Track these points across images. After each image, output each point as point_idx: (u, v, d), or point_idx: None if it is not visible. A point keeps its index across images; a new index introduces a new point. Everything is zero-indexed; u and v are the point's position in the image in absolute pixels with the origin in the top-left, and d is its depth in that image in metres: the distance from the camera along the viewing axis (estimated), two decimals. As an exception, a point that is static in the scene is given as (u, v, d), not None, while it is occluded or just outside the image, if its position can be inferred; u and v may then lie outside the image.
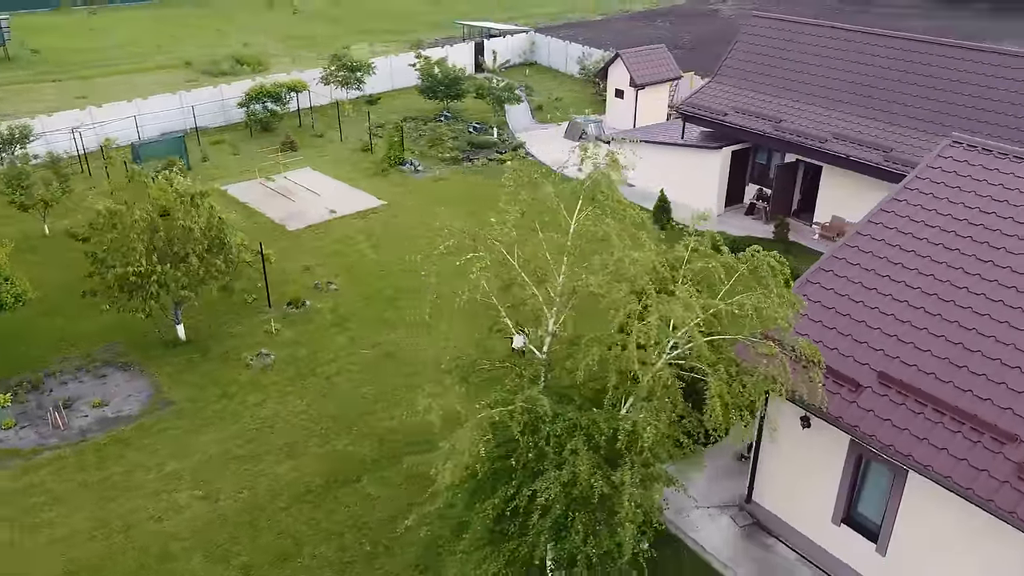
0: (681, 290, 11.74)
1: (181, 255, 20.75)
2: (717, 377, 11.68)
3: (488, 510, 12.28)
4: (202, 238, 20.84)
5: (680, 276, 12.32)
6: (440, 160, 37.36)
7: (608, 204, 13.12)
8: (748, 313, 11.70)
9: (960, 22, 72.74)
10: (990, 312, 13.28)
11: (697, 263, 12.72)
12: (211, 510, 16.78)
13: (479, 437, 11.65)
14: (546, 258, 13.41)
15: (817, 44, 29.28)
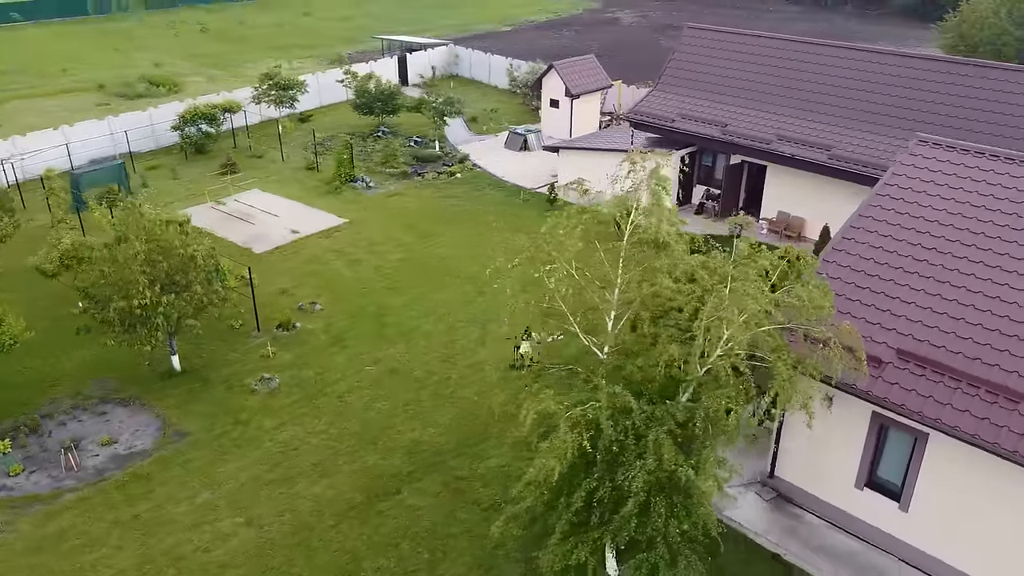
0: (749, 284, 12.92)
1: (183, 284, 20.52)
2: (783, 362, 12.96)
3: (576, 502, 13.12)
4: (204, 265, 20.68)
5: (744, 272, 13.46)
6: (390, 176, 37.69)
7: (660, 209, 14.11)
8: (804, 303, 13.06)
9: (835, 25, 78.32)
10: (983, 289, 15.19)
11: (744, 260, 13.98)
12: (258, 535, 16.84)
13: (580, 435, 12.45)
14: (607, 265, 14.31)
15: (753, 52, 31.52)
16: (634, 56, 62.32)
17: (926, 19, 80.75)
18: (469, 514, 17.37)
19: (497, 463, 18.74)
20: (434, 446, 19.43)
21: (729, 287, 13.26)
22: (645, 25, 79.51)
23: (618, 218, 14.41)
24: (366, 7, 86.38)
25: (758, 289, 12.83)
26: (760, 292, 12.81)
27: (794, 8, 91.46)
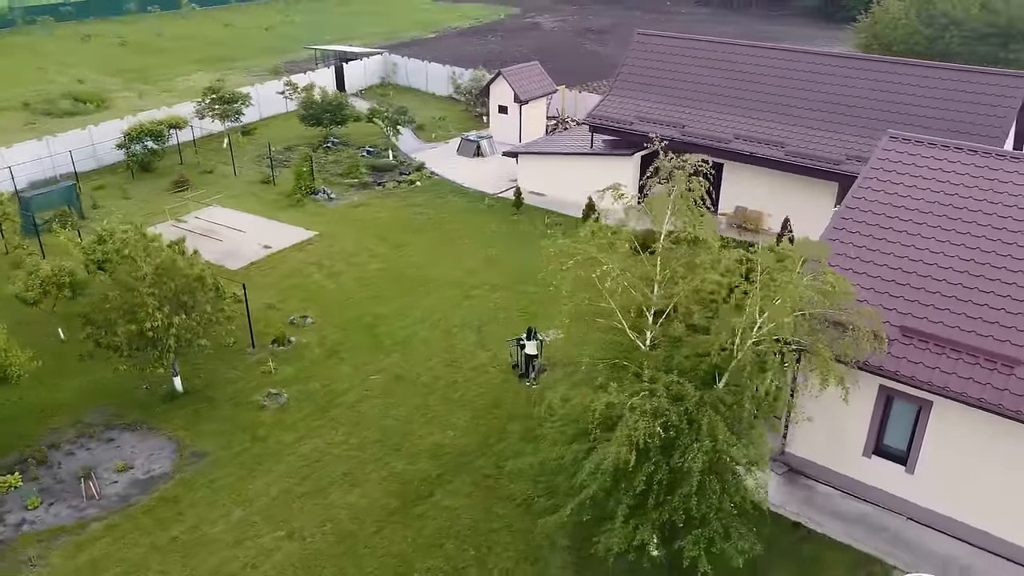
0: (792, 275, 14.08)
1: (190, 304, 20.38)
2: (823, 344, 14.18)
3: (639, 486, 13.99)
4: (212, 284, 20.61)
5: (785, 266, 14.59)
6: (349, 186, 37.75)
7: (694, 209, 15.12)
8: (833, 289, 14.31)
9: (744, 26, 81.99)
10: (968, 269, 16.88)
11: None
12: (302, 548, 17.03)
13: (650, 422, 13.32)
14: (647, 264, 15.23)
15: (704, 56, 33.22)
16: (562, 61, 63.66)
17: (828, 19, 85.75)
18: (505, 510, 18.03)
19: (522, 461, 19.39)
20: (456, 448, 19.97)
21: (768, 278, 14.37)
22: (567, 30, 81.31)
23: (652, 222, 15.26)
24: (286, 17, 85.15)
25: (798, 278, 14.01)
26: (800, 281, 13.99)
27: (703, 10, 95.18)
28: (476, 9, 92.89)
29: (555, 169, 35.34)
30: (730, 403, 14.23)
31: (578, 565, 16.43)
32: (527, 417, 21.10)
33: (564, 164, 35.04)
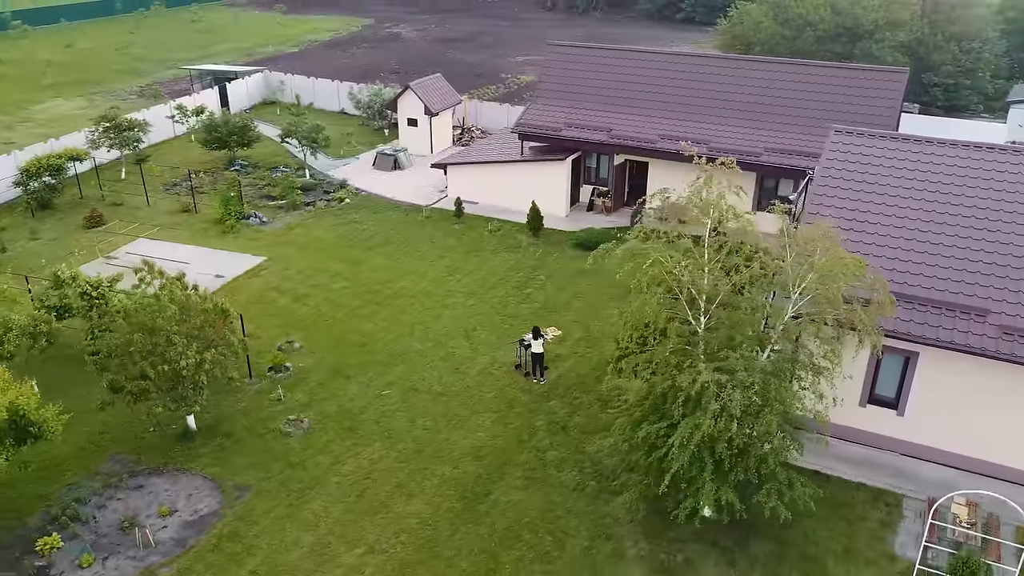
0: (833, 254, 16.38)
1: (210, 337, 20.14)
2: (866, 312, 16.56)
3: (722, 452, 15.83)
4: (232, 316, 20.45)
5: (821, 247, 16.84)
6: (277, 208, 37.27)
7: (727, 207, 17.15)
8: (854, 266, 16.79)
9: (593, 30, 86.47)
10: (928, 239, 20.08)
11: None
12: (388, 560, 17.58)
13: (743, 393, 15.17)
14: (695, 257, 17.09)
15: (618, 64, 35.80)
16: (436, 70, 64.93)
17: (667, 21, 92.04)
18: (561, 497, 19.38)
19: (558, 453, 20.87)
20: (494, 448, 21.05)
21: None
22: (429, 39, 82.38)
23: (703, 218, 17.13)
24: (128, 37, 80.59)
25: (836, 256, 16.37)
26: (842, 258, 16.34)
27: (551, 16, 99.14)
28: (328, 22, 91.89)
29: (487, 177, 36.70)
30: (786, 370, 16.44)
31: (646, 535, 18.07)
32: (548, 412, 22.54)
33: (496, 172, 36.47)
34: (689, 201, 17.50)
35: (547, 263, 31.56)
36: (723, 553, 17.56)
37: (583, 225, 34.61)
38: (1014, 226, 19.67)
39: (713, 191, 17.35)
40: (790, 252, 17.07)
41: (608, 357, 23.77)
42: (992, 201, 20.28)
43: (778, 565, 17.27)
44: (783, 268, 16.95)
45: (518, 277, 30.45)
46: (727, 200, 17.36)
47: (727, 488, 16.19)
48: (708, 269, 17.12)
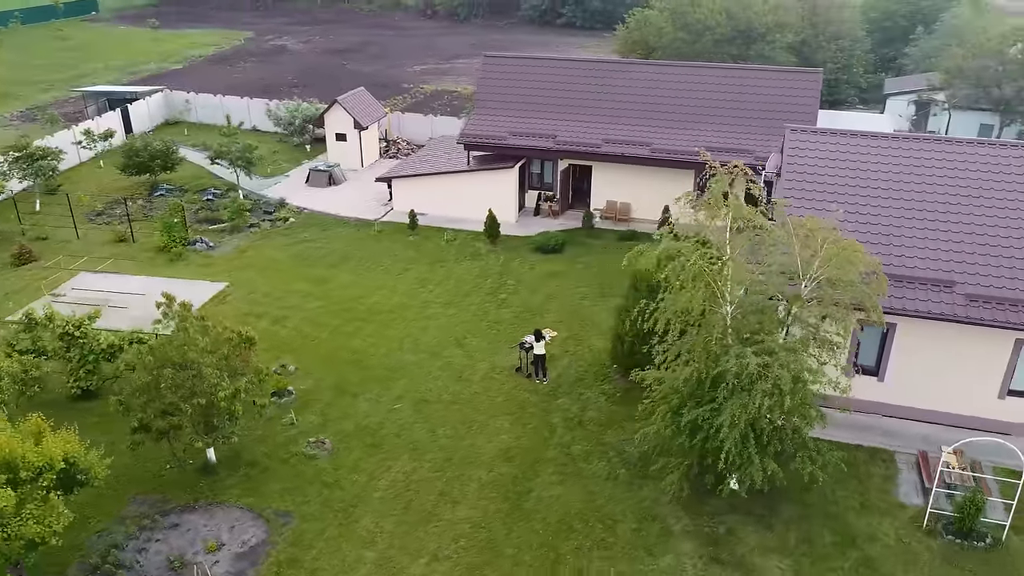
0: (847, 243, 18.29)
1: (236, 367, 19.94)
2: (873, 289, 18.55)
3: (765, 429, 17.46)
4: (256, 345, 20.29)
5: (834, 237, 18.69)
6: (220, 232, 36.34)
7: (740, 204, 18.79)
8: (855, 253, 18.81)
9: (479, 37, 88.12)
10: (891, 222, 22.61)
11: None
12: (455, 566, 18.09)
13: (790, 372, 16.80)
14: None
15: (555, 73, 37.33)
16: (333, 83, 64.48)
17: (549, 26, 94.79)
18: (599, 487, 20.52)
19: (583, 447, 22.00)
20: (522, 448, 21.91)
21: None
22: (318, 51, 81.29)
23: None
24: (-12, 56, 75.01)
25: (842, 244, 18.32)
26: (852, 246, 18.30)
27: (433, 24, 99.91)
28: (206, 36, 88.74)
29: (434, 189, 37.25)
30: (806, 348, 18.30)
31: (687, 512, 19.49)
32: (560, 410, 23.61)
33: (444, 183, 37.10)
34: (714, 203, 18.83)
35: (512, 268, 32.57)
36: (758, 520, 19.23)
37: (536, 230, 35.83)
38: (970, 207, 22.51)
39: (732, 192, 18.80)
40: (797, 242, 18.93)
41: (607, 354, 25.21)
42: (948, 186, 23.11)
43: (808, 524, 19.12)
44: (794, 257, 18.78)
45: (488, 284, 31.31)
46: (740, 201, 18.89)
47: (769, 459, 17.86)
48: (734, 262, 18.70)
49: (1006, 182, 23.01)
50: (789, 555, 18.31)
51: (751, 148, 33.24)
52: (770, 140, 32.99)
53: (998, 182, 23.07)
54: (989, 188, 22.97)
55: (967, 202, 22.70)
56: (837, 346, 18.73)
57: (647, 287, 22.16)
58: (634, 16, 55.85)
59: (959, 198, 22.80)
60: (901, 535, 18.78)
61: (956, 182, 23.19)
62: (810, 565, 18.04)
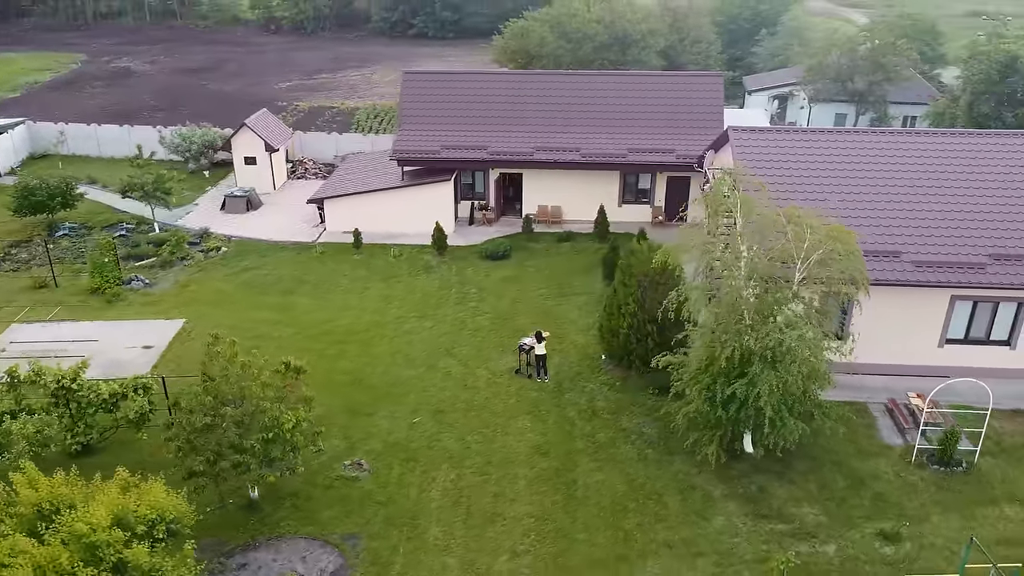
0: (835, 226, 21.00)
1: (292, 399, 19.91)
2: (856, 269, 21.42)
3: (797, 392, 19.92)
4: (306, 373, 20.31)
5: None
6: (149, 268, 34.72)
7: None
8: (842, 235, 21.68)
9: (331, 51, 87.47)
10: (841, 205, 25.97)
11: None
12: (535, 558, 19.18)
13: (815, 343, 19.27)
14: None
15: (483, 86, 38.74)
16: (201, 103, 62.39)
17: (401, 36, 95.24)
18: (634, 468, 22.25)
19: (606, 433, 23.66)
20: (552, 443, 23.22)
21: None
22: (167, 71, 77.39)
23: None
24: None
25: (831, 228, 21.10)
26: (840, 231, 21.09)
27: (281, 39, 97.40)
28: (33, 59, 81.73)
29: (369, 207, 37.44)
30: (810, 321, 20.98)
31: (719, 478, 21.65)
32: (572, 404, 25.14)
33: (379, 200, 37.41)
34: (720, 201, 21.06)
35: (469, 277, 33.61)
36: (779, 476, 21.73)
37: (476, 238, 37.01)
38: (908, 189, 26.30)
39: (740, 190, 21.14)
40: (791, 230, 21.56)
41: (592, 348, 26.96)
42: (887, 172, 26.85)
43: (821, 473, 21.84)
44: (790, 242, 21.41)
45: (453, 294, 32.21)
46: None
47: (798, 424, 20.40)
48: (747, 251, 21.03)
49: (936, 165, 27.09)
50: (816, 502, 20.93)
51: (673, 147, 36.24)
52: (689, 139, 36.14)
53: (930, 166, 27.11)
54: (923, 171, 26.96)
55: (905, 184, 26.53)
56: (830, 317, 21.55)
57: (649, 280, 24.20)
58: (511, 26, 58.01)
59: (898, 181, 26.60)
60: (897, 471, 21.94)
61: (894, 168, 27.01)
62: (836, 508, 20.74)
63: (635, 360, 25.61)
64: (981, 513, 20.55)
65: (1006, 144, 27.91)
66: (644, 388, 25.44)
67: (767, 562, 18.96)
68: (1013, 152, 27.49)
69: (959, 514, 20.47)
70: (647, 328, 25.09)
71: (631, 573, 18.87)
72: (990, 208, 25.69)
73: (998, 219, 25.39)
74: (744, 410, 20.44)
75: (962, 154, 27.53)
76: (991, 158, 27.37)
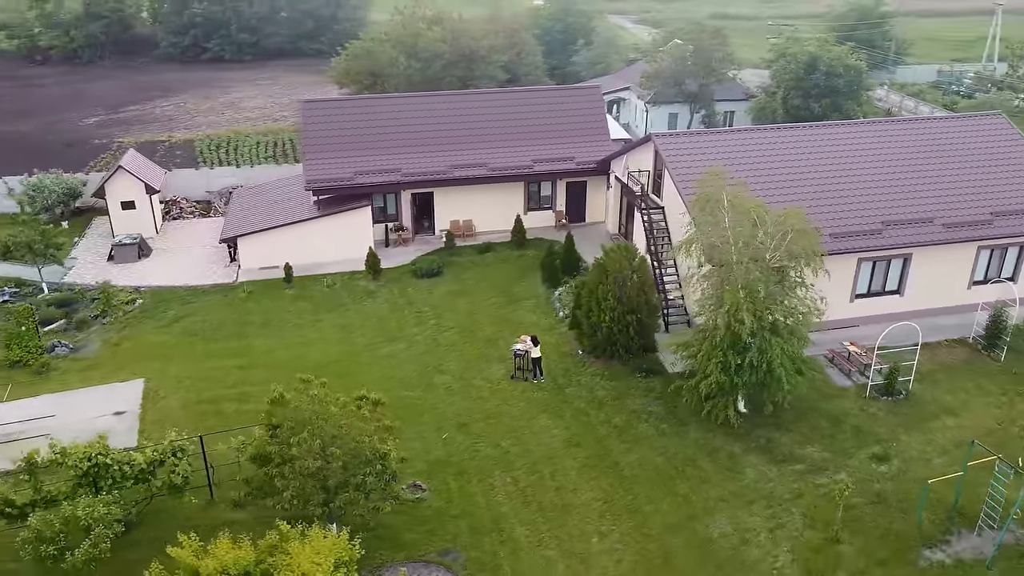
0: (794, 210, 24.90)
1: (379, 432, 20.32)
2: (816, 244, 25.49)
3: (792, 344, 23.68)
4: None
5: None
6: (63, 332, 31.86)
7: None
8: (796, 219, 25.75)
9: (124, 79, 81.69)
10: (768, 191, 30.42)
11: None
12: (622, 533, 21.28)
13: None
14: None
15: (386, 110, 39.51)
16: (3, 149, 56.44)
17: (194, 61, 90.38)
18: (659, 443, 24.91)
19: (620, 418, 26.11)
20: (579, 435, 25.22)
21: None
22: None
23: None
24: None
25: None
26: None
27: (50, 69, 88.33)
28: None
29: (285, 240, 36.82)
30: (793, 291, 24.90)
31: (732, 437, 24.89)
32: (577, 398, 27.29)
33: (295, 232, 36.92)
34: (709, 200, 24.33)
35: (414, 297, 34.45)
36: (776, 427, 25.43)
37: (400, 259, 37.68)
38: (813, 173, 31.30)
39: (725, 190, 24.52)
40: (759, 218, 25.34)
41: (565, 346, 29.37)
42: (793, 159, 31.70)
43: (806, 419, 25.72)
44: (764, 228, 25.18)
45: (408, 315, 32.97)
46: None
47: (796, 381, 24.22)
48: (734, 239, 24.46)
49: (834, 152, 32.50)
50: (814, 442, 24.88)
51: (572, 155, 39.42)
52: (582, 146, 39.55)
53: (829, 153, 32.45)
54: (823, 158, 32.19)
55: (811, 170, 31.57)
56: (803, 285, 25.64)
57: (623, 277, 27.20)
58: (352, 47, 58.29)
59: (805, 168, 31.61)
60: (860, 406, 26.54)
61: (800, 157, 32.01)
62: (830, 443, 24.81)
63: (619, 349, 28.41)
64: (930, 426, 25.62)
65: (887, 130, 34.22)
66: (631, 373, 28.22)
67: (802, 497, 22.54)
68: (894, 136, 33.72)
69: (917, 430, 25.39)
70: (627, 319, 27.99)
71: (707, 529, 21.59)
72: (880, 183, 31.44)
73: (887, 192, 31.15)
74: (756, 375, 23.90)
75: (853, 141, 33.26)
76: (877, 142, 33.29)
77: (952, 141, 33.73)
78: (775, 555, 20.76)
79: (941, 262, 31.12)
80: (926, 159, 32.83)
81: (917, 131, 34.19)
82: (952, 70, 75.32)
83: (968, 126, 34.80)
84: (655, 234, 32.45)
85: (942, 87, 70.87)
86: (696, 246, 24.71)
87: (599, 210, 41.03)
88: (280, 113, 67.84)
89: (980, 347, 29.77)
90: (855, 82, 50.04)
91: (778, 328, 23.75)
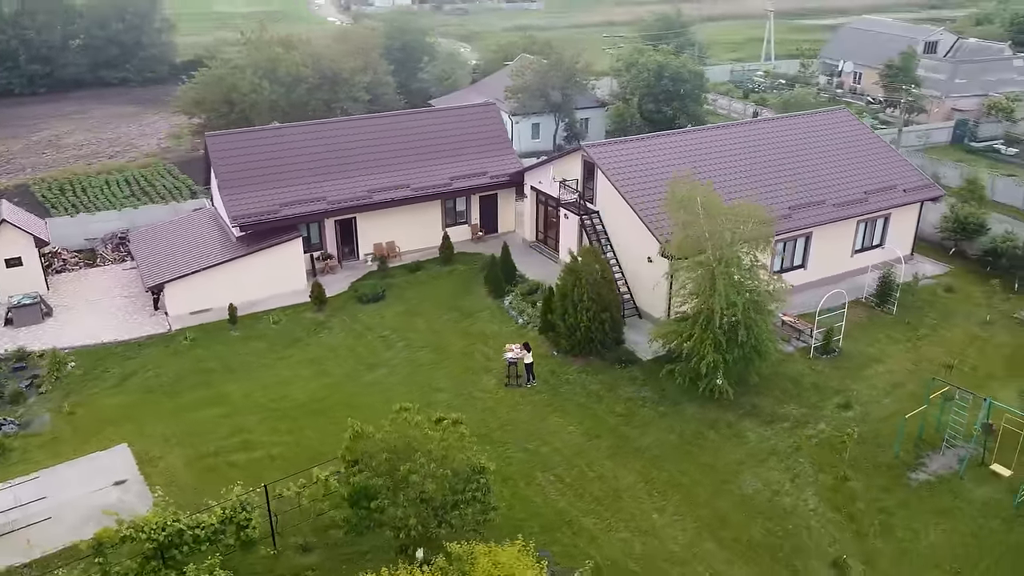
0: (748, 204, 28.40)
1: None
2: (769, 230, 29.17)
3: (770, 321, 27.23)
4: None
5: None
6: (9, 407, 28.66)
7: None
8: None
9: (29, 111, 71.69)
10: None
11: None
12: (668, 499, 23.57)
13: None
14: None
15: (298, 139, 38.76)
16: None
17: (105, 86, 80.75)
18: (664, 422, 27.51)
19: (621, 407, 28.35)
20: (592, 428, 27.17)
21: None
22: None
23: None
24: None
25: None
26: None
27: None
28: None
29: (214, 281, 35.25)
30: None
31: (725, 407, 27.97)
32: (574, 395, 29.21)
33: (225, 272, 35.42)
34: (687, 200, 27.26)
35: (368, 322, 34.46)
36: (757, 394, 28.86)
37: (335, 288, 37.25)
38: (728, 167, 35.32)
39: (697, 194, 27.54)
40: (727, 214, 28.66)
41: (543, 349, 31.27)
42: (714, 156, 35.59)
43: (773, 383, 29.46)
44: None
45: (373, 340, 33.04)
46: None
47: (762, 355, 27.84)
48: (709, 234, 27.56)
49: (747, 148, 36.79)
50: (787, 402, 28.65)
51: (485, 170, 41.13)
52: (491, 160, 41.44)
53: (743, 148, 36.72)
54: (738, 153, 36.40)
55: (723, 165, 35.59)
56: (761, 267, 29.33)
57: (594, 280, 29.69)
58: (202, 75, 55.73)
59: (724, 164, 35.62)
60: (808, 366, 30.79)
61: (719, 154, 36.00)
62: (801, 400, 28.71)
63: (596, 345, 30.72)
64: (866, 374, 30.38)
65: (790, 124, 39.30)
66: (611, 366, 30.59)
67: (801, 448, 26.13)
68: (779, 132, 38.72)
69: (859, 379, 30.02)
70: (602, 316, 30.38)
71: (740, 487, 24.50)
72: (781, 174, 36.20)
73: (788, 181, 35.94)
74: (743, 350, 27.19)
75: (747, 139, 37.79)
76: (768, 138, 38.07)
77: (821, 134, 39.54)
78: (804, 499, 24.08)
79: (832, 237, 36.49)
80: (809, 150, 38.29)
81: (795, 127, 39.69)
82: (744, 70, 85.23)
83: (827, 120, 40.88)
84: (596, 236, 35.02)
85: (741, 86, 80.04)
86: (686, 239, 27.44)
87: (510, 221, 43.05)
88: (112, 149, 62.95)
89: (873, 304, 35.37)
90: (698, 86, 55.90)
91: (761, 306, 27.18)
